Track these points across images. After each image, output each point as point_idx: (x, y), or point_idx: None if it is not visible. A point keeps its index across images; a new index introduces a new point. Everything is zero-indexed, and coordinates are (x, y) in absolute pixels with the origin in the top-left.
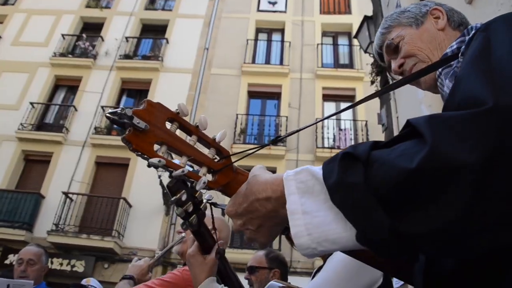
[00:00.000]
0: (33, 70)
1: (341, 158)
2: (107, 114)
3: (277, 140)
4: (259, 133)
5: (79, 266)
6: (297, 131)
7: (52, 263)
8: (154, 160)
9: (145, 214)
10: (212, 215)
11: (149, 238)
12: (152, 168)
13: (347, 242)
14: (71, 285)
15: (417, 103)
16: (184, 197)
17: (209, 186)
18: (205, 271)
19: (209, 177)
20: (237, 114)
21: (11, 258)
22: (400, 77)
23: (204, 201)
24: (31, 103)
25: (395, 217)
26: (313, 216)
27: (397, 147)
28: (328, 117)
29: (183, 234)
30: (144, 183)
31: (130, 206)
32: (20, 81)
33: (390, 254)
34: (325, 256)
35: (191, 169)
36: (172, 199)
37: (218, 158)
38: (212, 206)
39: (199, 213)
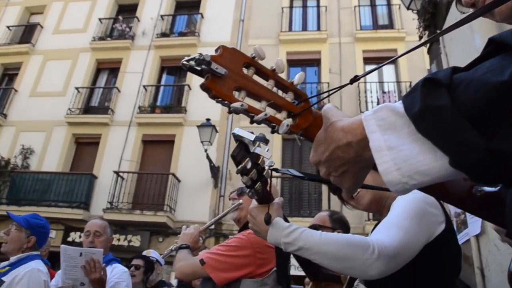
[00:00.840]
0: (75, 56)
1: (422, 85)
2: (184, 62)
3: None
4: None
5: (135, 241)
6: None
7: None
8: (236, 105)
9: (194, 188)
10: (271, 181)
11: (199, 211)
12: (197, 143)
13: (439, 171)
14: (134, 257)
15: (473, 52)
16: (249, 165)
17: (291, 130)
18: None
19: (290, 121)
20: None
21: (73, 236)
22: (471, 10)
23: (266, 167)
24: (76, 88)
25: (489, 135)
26: (399, 150)
27: (480, 66)
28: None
29: (240, 201)
30: (191, 158)
31: (179, 181)
32: (64, 67)
33: (487, 177)
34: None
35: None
36: (238, 168)
37: (296, 101)
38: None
39: (263, 180)
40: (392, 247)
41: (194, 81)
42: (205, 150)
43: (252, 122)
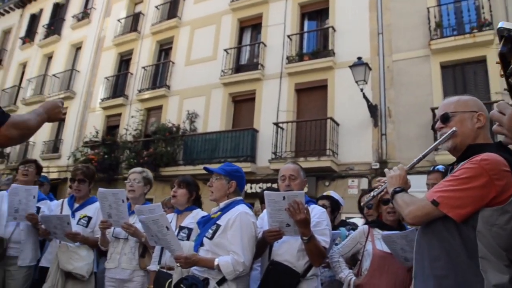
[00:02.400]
0: (218, 20)
1: None
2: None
3: None
4: (457, 22)
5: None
6: None
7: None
8: None
9: (354, 129)
10: None
11: (362, 152)
12: (351, 83)
13: None
14: (319, 198)
15: None
16: None
17: None
18: None
19: None
20: (427, 8)
21: (246, 187)
22: None
23: None
24: (225, 50)
25: None
26: None
27: None
28: None
29: (453, 128)
30: (346, 100)
31: (337, 124)
32: (209, 33)
33: None
34: None
35: None
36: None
37: None
38: None
39: None
40: None
41: (338, 22)
42: (361, 90)
43: None
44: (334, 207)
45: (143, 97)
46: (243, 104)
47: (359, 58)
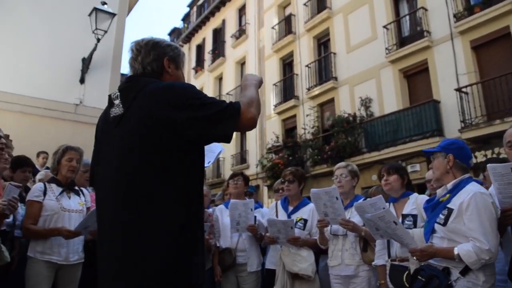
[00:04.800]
0: None
1: None
2: None
3: None
4: None
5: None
6: None
7: None
8: None
9: None
10: None
11: None
12: None
13: None
14: None
15: None
16: None
17: None
18: None
19: None
20: None
21: None
22: None
23: None
24: (384, 27)
25: None
26: None
27: None
28: None
29: None
30: None
31: None
32: (364, 14)
33: None
34: None
35: None
36: None
37: None
38: None
39: None
40: None
41: None
42: None
43: None
44: None
45: (313, 94)
46: (416, 77)
47: None
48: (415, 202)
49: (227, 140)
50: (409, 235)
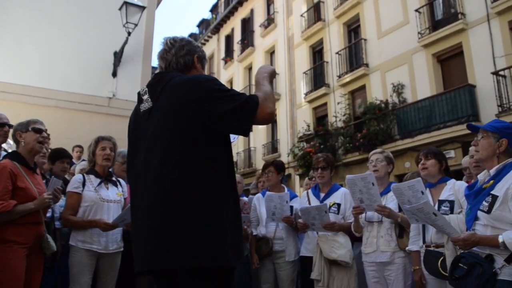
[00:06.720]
0: None
1: None
2: None
3: None
4: None
5: None
6: None
7: None
8: None
9: None
10: None
11: None
12: None
13: None
14: None
15: None
16: None
17: None
18: None
19: None
20: None
21: None
22: None
23: None
24: (416, 10)
25: None
26: None
27: None
28: None
29: None
30: None
31: None
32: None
33: None
34: None
35: None
36: None
37: None
38: None
39: None
40: None
41: None
42: None
43: None
44: None
45: (344, 81)
46: (450, 61)
47: None
48: (453, 188)
49: (245, 134)
50: (450, 225)
